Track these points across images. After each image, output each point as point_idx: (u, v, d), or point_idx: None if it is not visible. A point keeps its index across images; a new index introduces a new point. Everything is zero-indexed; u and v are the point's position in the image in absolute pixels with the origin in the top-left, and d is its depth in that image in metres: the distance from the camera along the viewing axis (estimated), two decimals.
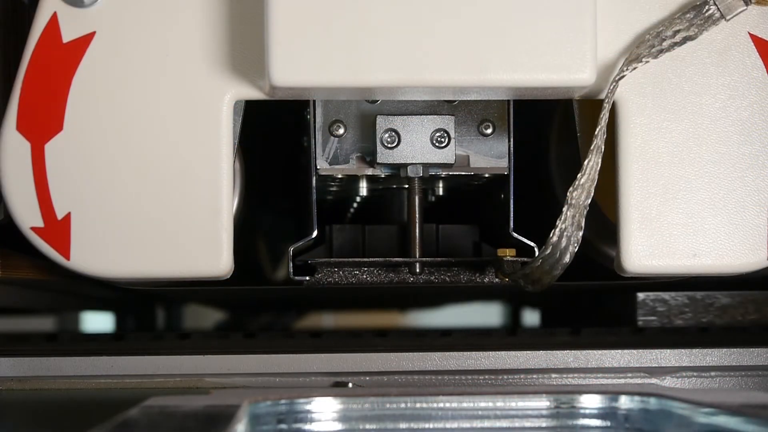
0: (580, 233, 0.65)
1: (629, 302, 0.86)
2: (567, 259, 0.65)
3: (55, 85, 0.66)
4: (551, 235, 0.65)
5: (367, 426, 0.57)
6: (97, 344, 0.82)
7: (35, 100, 0.66)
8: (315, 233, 0.74)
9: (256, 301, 1.24)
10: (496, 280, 0.74)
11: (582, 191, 0.65)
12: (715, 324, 0.84)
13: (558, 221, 0.65)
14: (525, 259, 0.70)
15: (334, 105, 0.73)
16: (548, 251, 0.65)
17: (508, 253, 0.72)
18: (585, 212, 0.65)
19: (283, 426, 0.57)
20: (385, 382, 0.72)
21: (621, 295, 0.90)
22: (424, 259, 0.74)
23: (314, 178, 0.73)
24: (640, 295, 0.84)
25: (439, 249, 0.78)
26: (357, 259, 0.74)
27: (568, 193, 0.65)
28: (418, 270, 0.74)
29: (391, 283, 0.75)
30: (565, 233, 0.65)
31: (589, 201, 0.65)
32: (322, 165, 0.73)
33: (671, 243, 0.68)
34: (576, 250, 0.65)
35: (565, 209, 0.65)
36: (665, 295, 0.83)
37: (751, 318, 0.85)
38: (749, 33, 0.68)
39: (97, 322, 1.54)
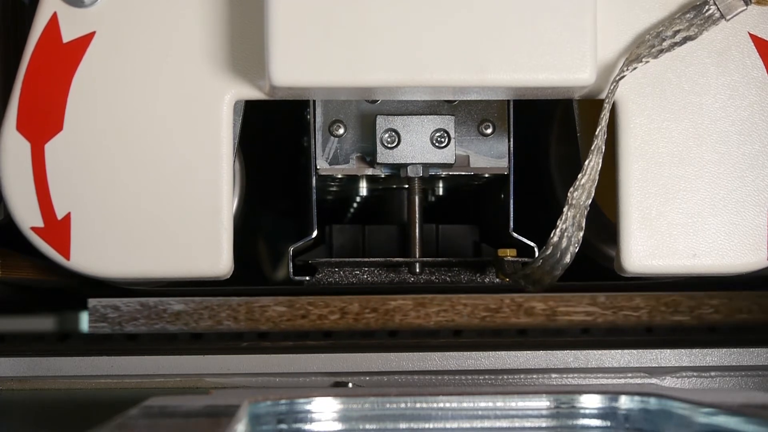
0: (581, 233, 0.65)
1: (81, 307, 0.84)
2: (568, 259, 0.65)
3: (55, 85, 0.66)
4: (552, 235, 0.65)
5: (367, 426, 0.57)
6: (96, 344, 0.82)
7: (35, 100, 0.66)
8: (315, 233, 0.74)
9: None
10: (497, 280, 0.74)
11: (583, 191, 0.65)
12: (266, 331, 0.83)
13: (559, 221, 0.65)
14: (525, 259, 0.70)
15: (334, 105, 0.73)
16: (549, 251, 0.65)
17: (508, 253, 0.72)
18: (586, 212, 0.65)
19: (283, 426, 0.57)
20: (385, 382, 0.72)
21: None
22: (424, 259, 0.74)
23: (314, 178, 0.73)
24: (92, 301, 0.82)
25: (439, 249, 0.78)
26: (357, 259, 0.75)
27: (568, 194, 0.65)
28: (418, 270, 0.74)
29: (392, 283, 0.75)
30: (565, 233, 0.65)
31: (590, 201, 0.65)
32: (322, 165, 0.73)
33: (671, 243, 0.68)
34: (577, 250, 0.65)
35: (565, 209, 0.65)
36: (117, 302, 0.82)
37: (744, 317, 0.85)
38: (749, 33, 0.68)
39: None
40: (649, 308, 0.82)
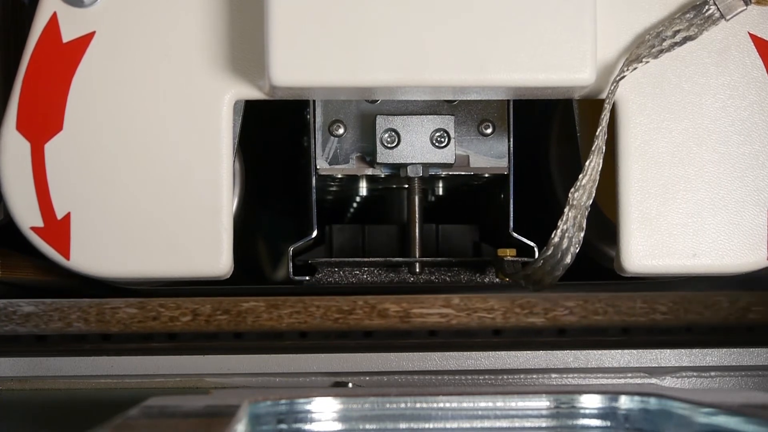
0: (582, 234, 0.65)
1: None
2: (568, 259, 0.65)
3: (55, 85, 0.66)
4: (553, 235, 0.65)
5: (367, 426, 0.57)
6: (97, 344, 0.82)
7: (35, 99, 0.66)
8: (315, 233, 0.74)
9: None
10: (497, 280, 0.74)
11: (584, 192, 0.65)
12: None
13: (560, 222, 0.65)
14: (526, 259, 0.70)
15: (334, 105, 0.73)
16: (550, 252, 0.65)
17: (508, 253, 0.72)
18: (586, 213, 0.65)
19: (283, 426, 0.57)
20: (385, 382, 0.72)
21: None
22: (424, 258, 0.74)
23: (314, 178, 0.73)
24: None
25: (439, 249, 0.78)
26: (357, 259, 0.75)
27: (569, 194, 0.65)
28: (418, 270, 0.74)
29: (392, 283, 0.75)
30: (566, 234, 0.65)
31: (591, 202, 0.65)
32: (321, 165, 0.73)
33: (671, 243, 0.68)
34: (577, 251, 0.65)
35: (566, 210, 0.65)
36: None
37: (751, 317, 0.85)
38: (749, 33, 0.68)
39: None
40: (504, 310, 0.82)
